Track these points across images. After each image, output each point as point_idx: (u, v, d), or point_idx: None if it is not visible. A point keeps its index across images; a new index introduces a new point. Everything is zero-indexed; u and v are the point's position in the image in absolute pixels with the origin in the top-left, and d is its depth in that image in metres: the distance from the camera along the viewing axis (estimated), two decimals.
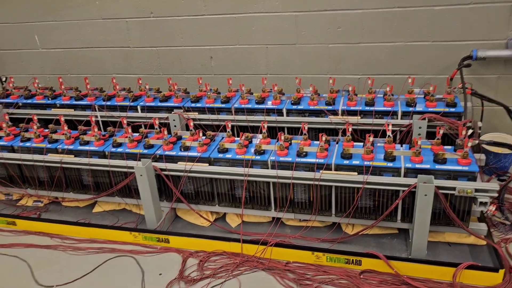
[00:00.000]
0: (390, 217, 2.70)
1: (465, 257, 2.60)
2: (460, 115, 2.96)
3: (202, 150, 2.93)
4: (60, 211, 3.46)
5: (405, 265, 2.50)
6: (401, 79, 3.70)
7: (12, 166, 3.39)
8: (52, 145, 3.25)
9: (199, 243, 2.88)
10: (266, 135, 2.96)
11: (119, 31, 4.37)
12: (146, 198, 2.96)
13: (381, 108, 3.09)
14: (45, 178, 3.34)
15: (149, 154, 3.00)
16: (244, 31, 3.99)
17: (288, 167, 2.75)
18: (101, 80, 4.61)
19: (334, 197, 2.73)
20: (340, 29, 3.72)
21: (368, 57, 3.76)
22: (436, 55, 3.59)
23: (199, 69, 4.31)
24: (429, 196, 2.36)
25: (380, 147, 2.74)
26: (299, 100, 3.32)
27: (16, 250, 3.06)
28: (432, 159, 2.56)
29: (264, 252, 2.73)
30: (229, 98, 3.49)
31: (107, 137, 3.25)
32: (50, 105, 3.91)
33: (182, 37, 4.20)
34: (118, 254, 2.94)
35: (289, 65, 4.02)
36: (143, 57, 4.43)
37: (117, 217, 3.30)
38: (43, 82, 4.75)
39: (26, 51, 4.84)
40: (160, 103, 3.59)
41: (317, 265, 2.65)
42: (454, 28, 3.46)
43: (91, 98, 3.79)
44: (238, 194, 2.95)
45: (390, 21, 3.58)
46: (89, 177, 3.19)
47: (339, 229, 2.87)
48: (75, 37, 4.56)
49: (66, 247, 3.05)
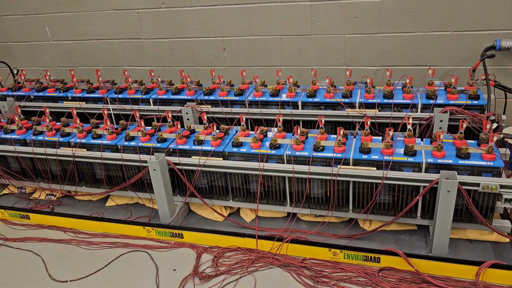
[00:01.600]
0: (409, 213, 2.63)
1: (487, 255, 2.53)
2: (483, 107, 2.86)
3: (216, 144, 2.87)
4: (73, 204, 3.45)
5: (426, 263, 2.43)
6: (419, 71, 3.60)
7: (25, 159, 3.37)
8: (65, 138, 3.22)
9: (214, 238, 2.84)
10: (281, 129, 2.89)
11: (131, 22, 4.31)
12: (159, 192, 2.91)
13: (400, 101, 3.00)
14: (58, 172, 3.32)
15: (162, 148, 2.95)
16: (257, 21, 3.91)
17: (304, 162, 2.68)
18: (112, 73, 4.57)
19: (352, 193, 2.66)
20: (357, 19, 3.62)
21: (385, 47, 3.66)
22: (457, 46, 3.47)
23: (211, 61, 4.24)
24: (452, 193, 2.28)
25: (399, 141, 2.66)
26: (315, 93, 3.24)
27: (29, 244, 3.05)
28: (455, 154, 2.48)
29: (280, 248, 2.68)
30: (243, 91, 3.42)
31: (119, 131, 3.21)
32: (62, 97, 3.88)
33: (194, 28, 4.13)
34: (132, 249, 2.91)
35: (304, 57, 3.93)
36: (155, 49, 4.38)
37: (130, 211, 3.27)
38: (54, 74, 4.73)
39: (36, 43, 4.81)
40: (172, 96, 3.54)
41: (334, 262, 2.59)
42: (476, 17, 3.34)
43: (103, 91, 3.74)
44: (253, 188, 2.89)
45: (409, 11, 3.47)
46: (101, 171, 3.16)
47: (356, 225, 2.81)
48: (86, 28, 4.51)
49: (80, 242, 3.04)
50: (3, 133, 3.41)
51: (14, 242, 3.08)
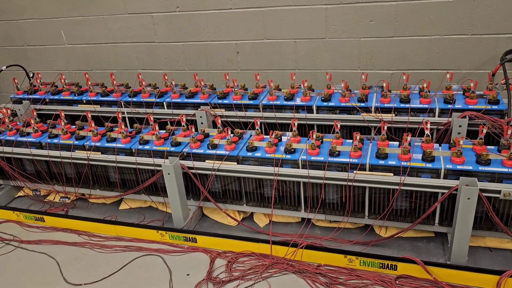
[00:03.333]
0: (427, 220, 2.57)
1: (508, 263, 2.47)
2: (503, 112, 2.79)
3: (230, 149, 2.86)
4: (87, 207, 3.46)
5: (444, 271, 2.37)
6: (436, 74, 3.54)
7: (40, 162, 3.39)
8: (79, 142, 3.23)
9: (227, 243, 2.82)
10: (296, 133, 2.86)
11: (145, 26, 4.32)
12: (173, 196, 2.91)
13: (417, 105, 2.95)
14: (72, 175, 3.33)
15: (176, 152, 2.95)
16: (271, 25, 3.89)
17: (319, 167, 2.65)
18: (126, 76, 4.59)
19: (368, 198, 2.62)
20: (373, 23, 3.58)
21: (401, 51, 3.61)
22: (475, 49, 3.41)
23: (225, 64, 4.23)
24: (472, 200, 2.23)
25: (417, 147, 2.61)
26: (329, 97, 3.20)
27: (44, 247, 3.06)
28: (475, 160, 2.42)
29: (294, 254, 2.65)
30: (257, 95, 3.40)
31: (133, 134, 3.22)
32: (77, 101, 3.91)
33: (208, 31, 4.13)
34: (145, 253, 2.90)
35: (318, 60, 3.90)
36: (169, 52, 4.38)
37: (143, 215, 3.27)
38: (69, 77, 4.76)
39: (52, 47, 4.86)
40: (186, 100, 3.53)
41: (350, 269, 2.55)
42: (495, 20, 3.27)
43: (117, 94, 3.76)
44: (267, 193, 2.87)
45: (426, 14, 3.41)
46: (116, 174, 3.16)
47: (371, 231, 2.77)
48: (100, 32, 4.54)
49: (94, 245, 3.04)
50: (19, 136, 3.44)
51: (29, 245, 3.10)
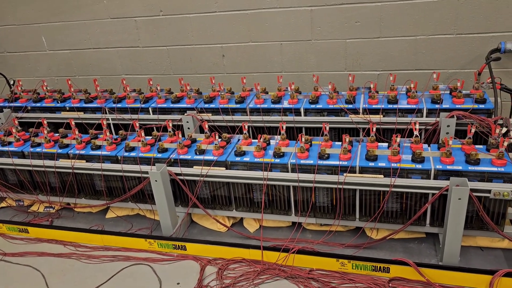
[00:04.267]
0: (418, 221, 2.56)
1: (499, 262, 2.47)
2: (490, 111, 2.80)
3: (218, 154, 2.81)
4: (72, 217, 3.37)
5: (437, 272, 2.36)
6: (423, 74, 3.55)
7: (23, 172, 3.30)
8: (63, 150, 3.15)
9: (218, 250, 2.77)
10: (284, 137, 2.83)
11: (128, 31, 4.25)
12: (161, 203, 2.85)
13: (405, 106, 2.94)
14: (57, 184, 3.24)
15: (163, 158, 2.89)
16: (257, 27, 3.85)
17: (309, 170, 2.62)
18: (110, 82, 4.51)
19: (359, 201, 2.60)
20: (358, 24, 3.57)
21: (387, 52, 3.61)
22: (460, 49, 3.42)
23: (210, 68, 4.18)
24: (463, 200, 2.22)
25: (406, 148, 2.60)
26: (317, 99, 3.18)
27: (29, 259, 2.97)
28: (464, 160, 2.42)
29: (286, 259, 2.61)
30: (244, 98, 3.36)
31: (119, 141, 3.15)
32: (60, 108, 3.81)
33: (192, 35, 4.08)
34: (134, 262, 2.84)
35: (304, 62, 3.88)
36: (153, 57, 4.32)
37: (130, 223, 3.20)
38: (51, 84, 4.66)
39: (33, 53, 4.75)
40: (172, 105, 3.47)
41: (342, 273, 2.52)
42: (479, 19, 3.29)
43: (101, 101, 3.68)
44: (257, 198, 2.83)
45: (411, 14, 3.42)
46: (101, 182, 3.09)
47: (363, 234, 2.75)
48: (82, 37, 4.45)
49: (80, 255, 2.96)
50: (0, 145, 3.34)
51: (13, 257, 3.01)
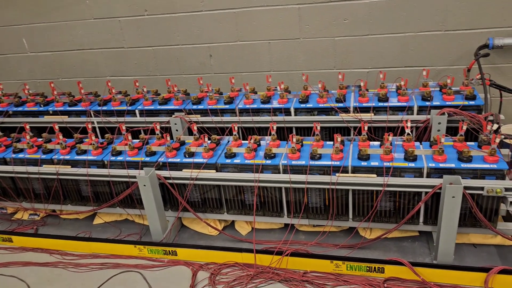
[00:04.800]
0: (411, 220, 2.54)
1: (493, 259, 2.47)
2: (480, 108, 2.80)
3: (208, 156, 2.75)
4: (58, 224, 3.28)
5: (432, 271, 2.34)
6: (412, 72, 3.55)
7: (5, 178, 3.19)
8: (47, 155, 3.06)
9: (209, 254, 2.71)
10: (275, 137, 2.79)
11: (112, 31, 4.16)
12: (150, 208, 2.78)
13: (396, 104, 2.92)
14: (41, 190, 3.15)
15: (151, 162, 2.82)
16: (244, 26, 3.80)
17: (301, 171, 2.58)
18: (95, 84, 4.40)
19: (352, 201, 2.57)
20: (347, 21, 3.54)
21: (376, 49, 3.59)
22: (449, 45, 3.42)
23: (198, 68, 4.12)
24: (457, 198, 2.20)
25: (398, 146, 2.58)
26: (307, 98, 3.14)
27: (13, 269, 2.87)
28: (456, 157, 2.41)
29: (279, 262, 2.57)
30: (233, 99, 3.31)
31: (105, 145, 3.07)
32: (43, 112, 3.70)
33: (179, 35, 4.00)
34: (123, 269, 2.76)
35: (293, 61, 3.84)
36: (139, 58, 4.23)
37: (119, 229, 3.13)
38: (33, 87, 4.54)
39: (13, 56, 4.61)
40: (159, 106, 3.40)
41: (336, 274, 2.49)
42: (467, 16, 3.29)
43: (85, 103, 3.58)
44: (248, 200, 2.78)
45: (399, 11, 3.41)
46: (88, 188, 3.00)
47: (356, 234, 2.72)
48: (65, 39, 4.34)
49: (67, 264, 2.87)
50: None
51: None
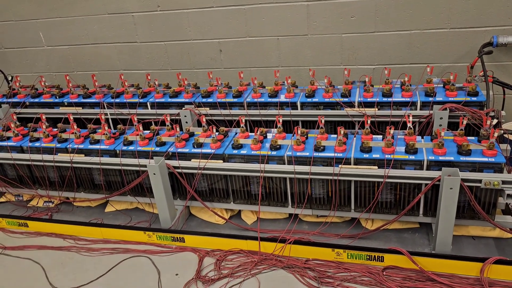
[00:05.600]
0: (411, 211, 2.62)
1: (490, 250, 2.53)
2: (482, 104, 2.86)
3: (215, 147, 2.85)
4: (71, 211, 3.41)
5: (430, 260, 2.41)
6: (417, 68, 3.60)
7: (22, 166, 3.33)
8: (62, 144, 3.18)
9: (215, 241, 2.82)
10: (281, 130, 2.88)
11: (126, 26, 4.28)
12: (159, 196, 2.89)
13: (400, 99, 2.99)
14: (56, 178, 3.28)
15: (161, 151, 2.93)
16: (254, 22, 3.89)
17: (305, 162, 2.67)
18: (108, 77, 4.54)
19: (354, 192, 2.65)
20: (354, 18, 3.61)
21: (383, 46, 3.65)
22: (454, 43, 3.47)
23: (208, 63, 4.22)
24: (454, 190, 2.27)
25: (400, 140, 2.65)
26: (313, 93, 3.22)
27: (29, 252, 3.01)
28: (456, 151, 2.47)
29: (282, 250, 2.66)
30: (241, 92, 3.40)
31: (117, 135, 3.18)
32: (58, 103, 3.84)
33: (190, 30, 4.11)
34: (133, 254, 2.88)
35: (301, 57, 3.92)
36: (151, 52, 4.35)
37: (129, 216, 3.24)
38: (49, 80, 4.69)
39: (31, 49, 4.77)
40: (170, 99, 3.51)
41: (338, 262, 2.57)
42: (472, 13, 3.34)
43: (99, 96, 3.71)
44: (254, 190, 2.87)
45: (405, 9, 3.47)
46: (100, 176, 3.13)
47: (358, 224, 2.80)
48: (80, 33, 4.48)
49: (80, 248, 3.00)
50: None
51: (13, 251, 3.04)
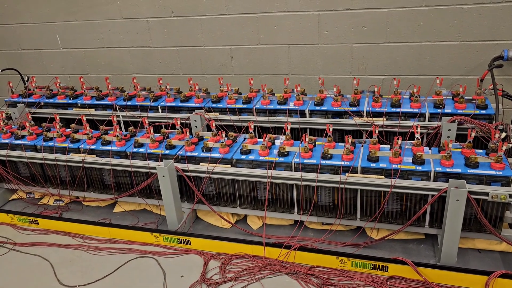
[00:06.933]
0: (417, 222, 2.62)
1: (496, 264, 2.52)
2: (491, 117, 2.86)
3: (224, 151, 2.89)
4: (81, 210, 3.47)
5: (434, 272, 2.41)
6: (427, 80, 3.61)
7: (35, 165, 3.40)
8: (74, 144, 3.25)
9: (221, 245, 2.85)
10: (289, 137, 2.91)
11: (140, 31, 4.36)
12: (167, 199, 2.93)
13: (408, 110, 3.01)
14: (67, 178, 3.34)
15: (171, 154, 2.98)
16: (265, 30, 3.95)
17: (312, 170, 2.69)
18: (121, 80, 4.62)
19: (360, 201, 2.67)
20: (365, 29, 3.64)
21: (393, 57, 3.68)
22: (464, 56, 3.48)
23: (219, 69, 4.28)
24: (461, 202, 2.28)
25: (408, 150, 2.66)
26: (322, 101, 3.25)
27: (38, 249, 3.07)
28: (463, 163, 2.48)
29: (287, 256, 2.68)
30: (251, 99, 3.45)
31: (128, 137, 3.24)
32: (72, 104, 3.92)
33: (202, 36, 4.18)
34: (139, 255, 2.92)
35: (311, 65, 3.96)
36: (164, 57, 4.42)
37: (137, 217, 3.29)
38: (64, 81, 4.78)
39: (47, 51, 4.88)
40: (181, 103, 3.57)
41: (342, 270, 2.58)
42: (483, 27, 3.35)
43: (112, 98, 3.78)
44: (260, 196, 2.90)
45: (416, 21, 3.49)
46: (110, 177, 3.18)
47: (363, 233, 2.81)
48: (95, 36, 4.57)
49: (88, 247, 3.05)
50: (14, 139, 3.45)
51: (23, 247, 3.11)
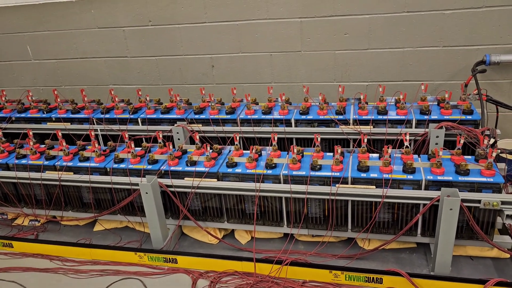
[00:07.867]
0: (409, 231, 2.58)
1: (489, 271, 2.50)
2: (477, 122, 2.86)
3: (209, 165, 2.79)
4: (59, 230, 3.30)
5: (429, 282, 2.38)
6: (410, 86, 3.62)
7: (7, 184, 3.21)
8: (50, 162, 3.09)
9: (209, 262, 2.74)
10: (276, 148, 2.83)
11: (116, 40, 4.22)
12: (151, 216, 2.81)
13: (395, 117, 2.98)
14: (43, 196, 3.17)
15: (154, 170, 2.85)
16: (247, 38, 3.88)
17: (301, 181, 2.62)
18: (97, 92, 4.46)
19: (351, 212, 2.61)
20: (347, 35, 3.62)
21: (376, 63, 3.67)
22: (447, 61, 3.50)
23: (200, 79, 4.18)
24: (454, 210, 2.25)
25: (397, 159, 2.63)
26: (308, 110, 3.19)
27: (14, 275, 2.88)
28: (454, 171, 2.46)
29: (279, 271, 2.59)
30: (234, 109, 3.36)
31: (108, 153, 3.10)
32: (46, 119, 3.74)
33: (182, 45, 4.07)
34: (123, 276, 2.78)
35: (294, 73, 3.91)
36: (142, 67, 4.29)
37: (119, 236, 3.14)
38: (36, 94, 4.59)
39: (17, 63, 4.67)
40: (162, 115, 3.44)
41: (335, 284, 2.52)
42: (464, 32, 3.38)
43: (88, 111, 3.63)
44: (248, 209, 2.81)
45: (399, 26, 3.49)
46: (89, 194, 3.03)
47: (355, 244, 2.75)
48: (69, 47, 4.40)
49: (67, 270, 2.89)
50: None
51: None
